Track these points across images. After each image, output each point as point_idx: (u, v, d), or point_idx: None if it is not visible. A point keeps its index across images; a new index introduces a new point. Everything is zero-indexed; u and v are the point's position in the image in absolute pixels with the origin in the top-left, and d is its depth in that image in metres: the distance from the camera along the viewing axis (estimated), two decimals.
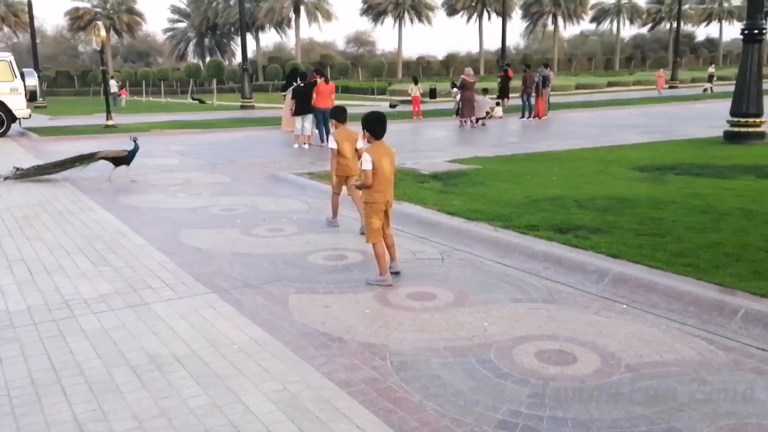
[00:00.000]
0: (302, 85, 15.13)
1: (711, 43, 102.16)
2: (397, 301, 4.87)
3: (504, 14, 36.55)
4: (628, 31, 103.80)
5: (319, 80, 15.38)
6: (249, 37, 57.14)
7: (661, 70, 41.29)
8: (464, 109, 19.72)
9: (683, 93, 36.70)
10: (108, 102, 20.53)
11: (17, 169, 10.84)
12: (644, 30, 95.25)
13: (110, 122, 20.11)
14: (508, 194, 8.40)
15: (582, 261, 5.47)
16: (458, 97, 23.20)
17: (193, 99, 43.10)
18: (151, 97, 51.69)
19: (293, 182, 9.89)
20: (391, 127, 18.62)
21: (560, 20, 77.33)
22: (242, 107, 32.78)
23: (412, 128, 20.39)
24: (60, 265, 5.85)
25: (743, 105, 13.54)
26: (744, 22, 13.51)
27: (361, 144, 6.80)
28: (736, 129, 13.66)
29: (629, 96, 35.63)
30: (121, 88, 41.48)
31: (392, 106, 29.05)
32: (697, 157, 11.52)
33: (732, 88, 14.58)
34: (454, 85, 24.75)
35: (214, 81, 44.00)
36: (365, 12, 73.36)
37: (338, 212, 7.42)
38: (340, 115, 7.19)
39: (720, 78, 52.83)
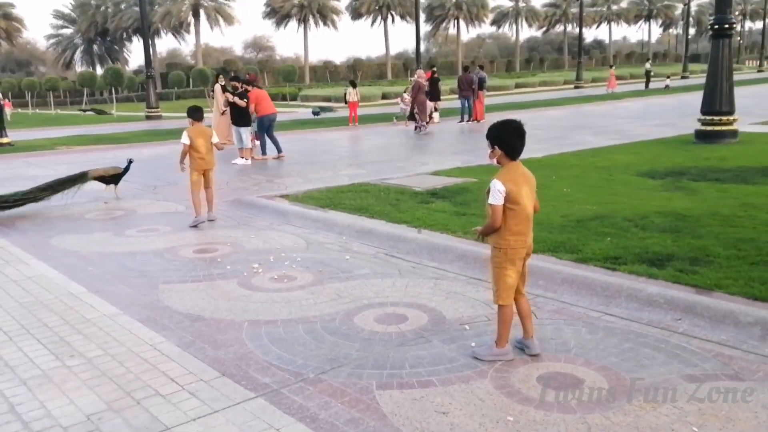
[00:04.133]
0: (241, 90, 13.28)
1: (599, 45, 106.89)
2: (532, 392, 3.43)
3: (417, 17, 35.63)
4: (522, 33, 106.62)
5: (253, 86, 13.66)
6: None
7: (612, 67, 41.88)
8: (421, 113, 18.41)
9: (592, 93, 37.20)
10: (1, 117, 17.68)
11: None
12: (537, 33, 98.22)
13: (5, 140, 17.33)
14: (539, 213, 7.12)
15: (726, 309, 4.24)
16: (403, 103, 22.05)
17: (85, 111, 39.32)
18: (38, 109, 47.36)
19: (267, 208, 8.20)
20: (330, 135, 17.14)
21: (462, 23, 77.95)
22: (148, 118, 30.16)
23: (355, 136, 18.88)
24: (3, 360, 3.99)
25: (716, 103, 13.01)
26: (713, 16, 12.99)
27: (216, 139, 7.75)
28: (709, 128, 13.12)
29: (548, 96, 35.73)
30: (3, 99, 37.33)
31: (315, 113, 27.48)
32: (690, 160, 10.75)
33: (629, 87, 14.07)
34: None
35: (113, 90, 40.59)
36: (268, 15, 70.72)
37: (201, 208, 7.63)
38: (197, 113, 7.70)
39: (618, 77, 54.78)
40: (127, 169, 9.61)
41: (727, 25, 12.61)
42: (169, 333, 4.36)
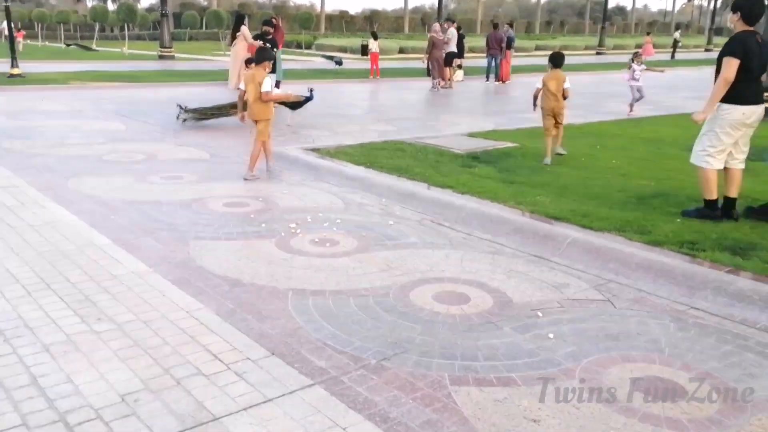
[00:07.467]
0: (269, 37, 12.66)
1: (621, 12, 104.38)
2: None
3: None
4: None
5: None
6: None
7: (650, 35, 40.08)
8: (434, 71, 17.71)
9: (615, 60, 36.18)
10: (13, 47, 16.99)
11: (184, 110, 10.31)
12: None
13: (16, 71, 16.69)
14: (594, 186, 6.62)
15: None
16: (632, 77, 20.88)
17: (69, 45, 37.96)
18: (48, 41, 46.28)
19: (299, 162, 7.67)
20: (351, 87, 16.40)
21: None
22: (161, 57, 29.33)
23: (378, 90, 18.20)
24: (22, 320, 3.54)
25: None
26: None
27: (266, 87, 6.78)
28: None
29: (572, 61, 34.56)
30: (18, 30, 36.33)
31: (338, 63, 26.68)
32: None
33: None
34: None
35: (125, 26, 39.54)
36: None
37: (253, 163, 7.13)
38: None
39: (640, 45, 53.42)
40: (308, 99, 9.77)
41: None
42: (206, 298, 3.90)
